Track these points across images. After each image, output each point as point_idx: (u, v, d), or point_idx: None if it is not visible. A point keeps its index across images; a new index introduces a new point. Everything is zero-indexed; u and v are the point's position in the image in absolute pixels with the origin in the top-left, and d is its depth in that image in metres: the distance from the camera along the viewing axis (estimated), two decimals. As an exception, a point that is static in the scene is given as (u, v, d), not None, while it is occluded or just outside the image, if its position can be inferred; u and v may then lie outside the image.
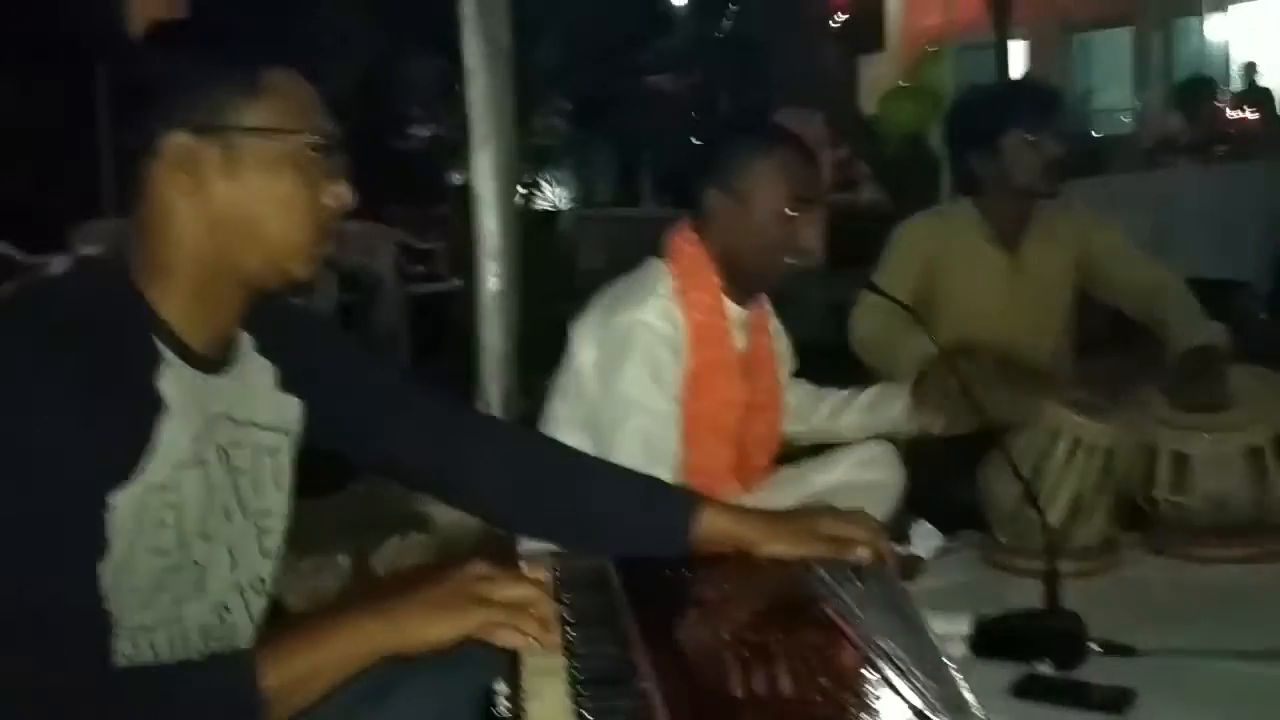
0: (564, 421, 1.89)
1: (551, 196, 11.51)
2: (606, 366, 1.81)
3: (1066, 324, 2.50)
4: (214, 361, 1.06)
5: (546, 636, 0.95)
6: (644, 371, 1.77)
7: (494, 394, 2.53)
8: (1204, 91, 6.19)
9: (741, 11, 10.61)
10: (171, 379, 0.99)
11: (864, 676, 0.87)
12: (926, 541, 2.09)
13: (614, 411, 1.78)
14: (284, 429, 1.14)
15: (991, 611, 1.71)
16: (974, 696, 0.84)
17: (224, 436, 1.06)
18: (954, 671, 1.54)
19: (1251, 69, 8.50)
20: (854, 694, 0.84)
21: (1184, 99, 6.30)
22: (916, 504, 2.08)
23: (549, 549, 1.23)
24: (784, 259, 1.82)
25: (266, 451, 1.12)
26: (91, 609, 0.91)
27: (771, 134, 1.90)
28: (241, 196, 1.02)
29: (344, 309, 5.14)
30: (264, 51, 1.05)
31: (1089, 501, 1.97)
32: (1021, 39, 9.65)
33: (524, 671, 0.92)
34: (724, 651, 0.93)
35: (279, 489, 1.14)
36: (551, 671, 0.92)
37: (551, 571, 1.13)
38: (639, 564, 1.14)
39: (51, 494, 0.89)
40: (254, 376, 1.11)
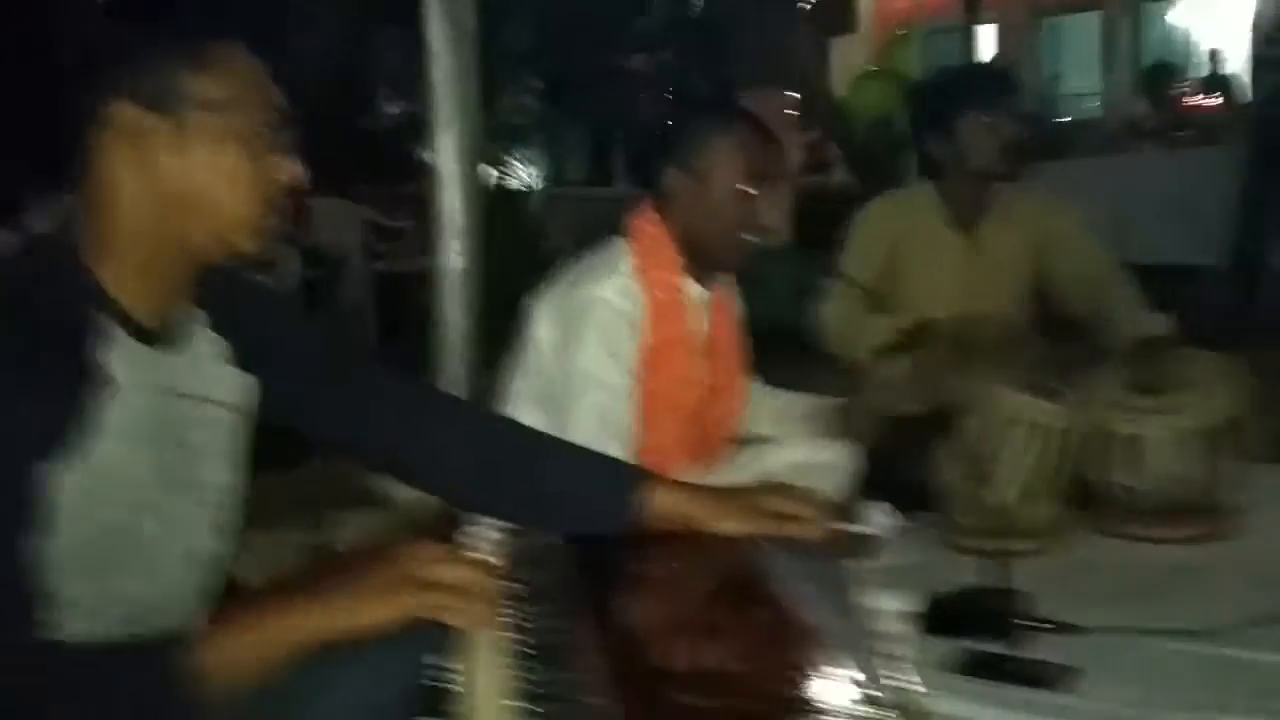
0: (521, 397, 1.89)
1: (523, 175, 11.47)
2: (564, 342, 1.81)
3: (1025, 306, 2.52)
4: (163, 337, 1.05)
5: (485, 618, 0.95)
6: (601, 348, 1.77)
7: (456, 372, 2.52)
8: (1168, 78, 6.24)
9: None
10: (119, 355, 0.99)
11: (805, 652, 0.88)
12: (882, 521, 2.11)
13: (570, 387, 1.78)
14: (236, 405, 1.13)
15: (943, 590, 1.74)
16: (914, 673, 0.85)
17: (174, 412, 1.05)
18: (893, 648, 1.57)
19: (1216, 56, 8.57)
20: (794, 669, 0.86)
21: (1149, 85, 6.35)
22: (873, 484, 2.10)
23: (502, 526, 1.24)
24: (744, 237, 1.83)
25: (218, 427, 1.12)
26: (23, 583, 0.90)
27: (728, 112, 1.90)
28: (188, 170, 1.01)
29: (308, 285, 5.11)
30: (213, 25, 1.04)
31: (1041, 482, 2.00)
32: (991, 23, 9.71)
33: (465, 647, 0.93)
34: (668, 627, 0.95)
35: (231, 466, 1.14)
36: (492, 646, 0.93)
37: (501, 549, 1.15)
38: (590, 541, 1.15)
39: None
40: (205, 352, 1.11)
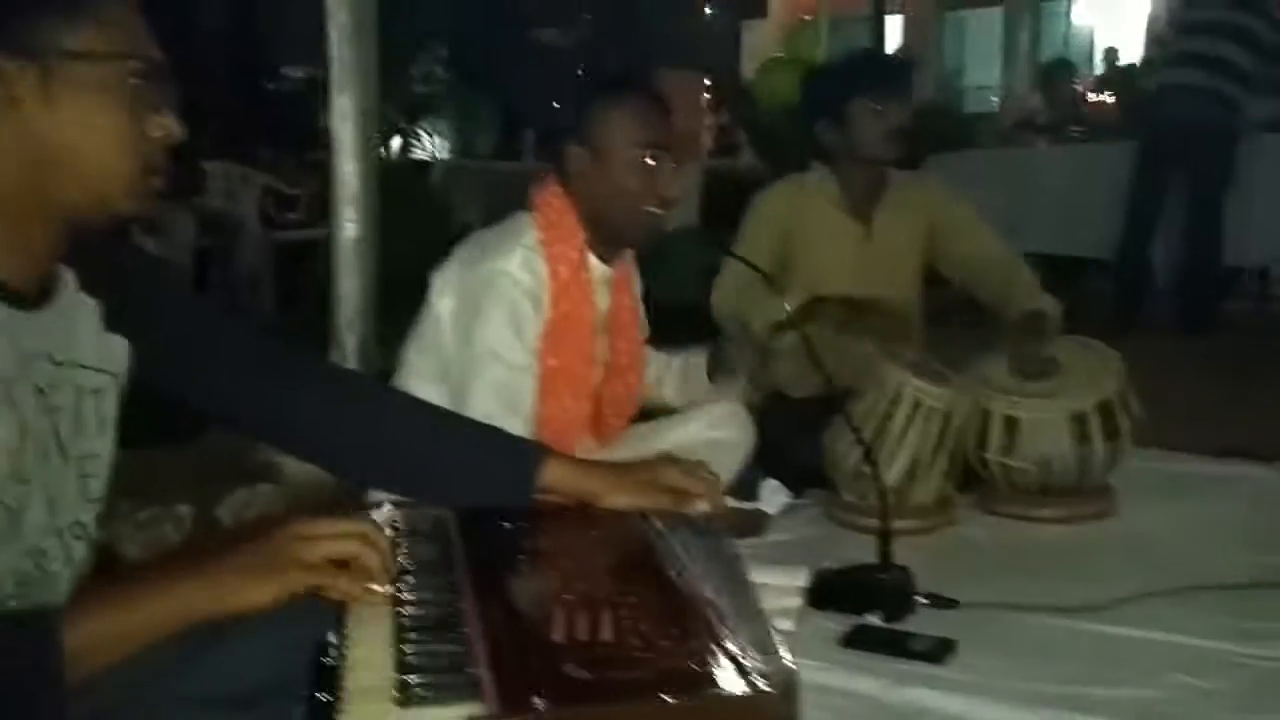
0: (418, 370, 1.87)
1: (429, 146, 11.29)
2: (466, 316, 1.80)
3: (917, 292, 2.58)
4: (31, 297, 1.01)
5: (368, 593, 0.94)
6: (504, 322, 1.77)
7: (350, 344, 2.47)
8: (1063, 74, 6.42)
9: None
10: None
11: (686, 624, 0.89)
12: (774, 498, 2.16)
13: (471, 361, 1.77)
14: (108, 369, 1.10)
15: (830, 566, 1.78)
16: (789, 647, 0.87)
17: (41, 376, 1.01)
18: (773, 622, 1.60)
19: (1112, 53, 8.86)
20: (674, 641, 0.87)
21: (1045, 80, 6.53)
22: (765, 462, 2.14)
23: (393, 499, 1.23)
24: (645, 208, 1.83)
25: (89, 392, 1.08)
26: None
27: (625, 86, 1.91)
28: (59, 124, 0.97)
29: (203, 252, 4.96)
30: None
31: (926, 462, 2.06)
32: (897, 13, 9.87)
33: (349, 620, 0.92)
34: (552, 599, 0.95)
35: (103, 431, 1.10)
36: (377, 620, 0.92)
37: (389, 522, 1.14)
38: (479, 514, 1.15)
39: None
40: (76, 314, 1.06)
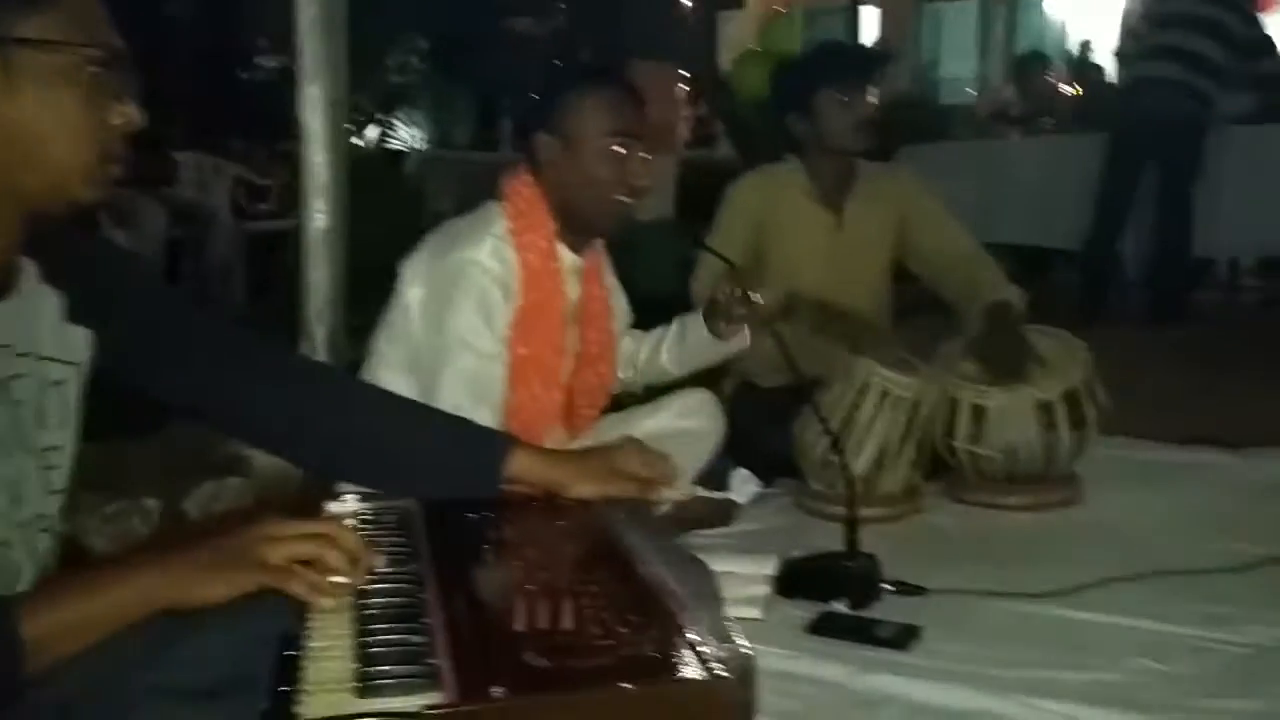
0: (388, 360, 1.87)
1: (406, 136, 11.22)
2: (436, 305, 1.79)
3: (887, 282, 2.60)
4: None
5: (330, 588, 0.95)
6: (474, 310, 1.76)
7: (320, 334, 2.46)
8: (1037, 66, 6.44)
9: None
10: None
11: (647, 612, 0.90)
12: (744, 487, 2.17)
13: (441, 350, 1.77)
14: (71, 360, 1.09)
15: (798, 554, 1.80)
16: (754, 635, 0.88)
17: (2, 368, 1.01)
18: (741, 610, 1.62)
19: (1086, 47, 8.89)
20: (634, 629, 0.87)
21: (1019, 72, 6.56)
22: (735, 451, 2.14)
23: (361, 491, 1.23)
24: (615, 197, 1.82)
25: (51, 384, 1.07)
26: None
27: (595, 74, 1.91)
28: (18, 113, 0.96)
29: (175, 243, 4.92)
30: None
31: (894, 451, 2.08)
32: (873, 4, 9.88)
33: (312, 612, 0.93)
34: (514, 589, 0.95)
35: (65, 424, 1.10)
36: (339, 611, 0.92)
37: (354, 514, 1.14)
38: (445, 505, 1.15)
39: None
40: (38, 305, 1.06)
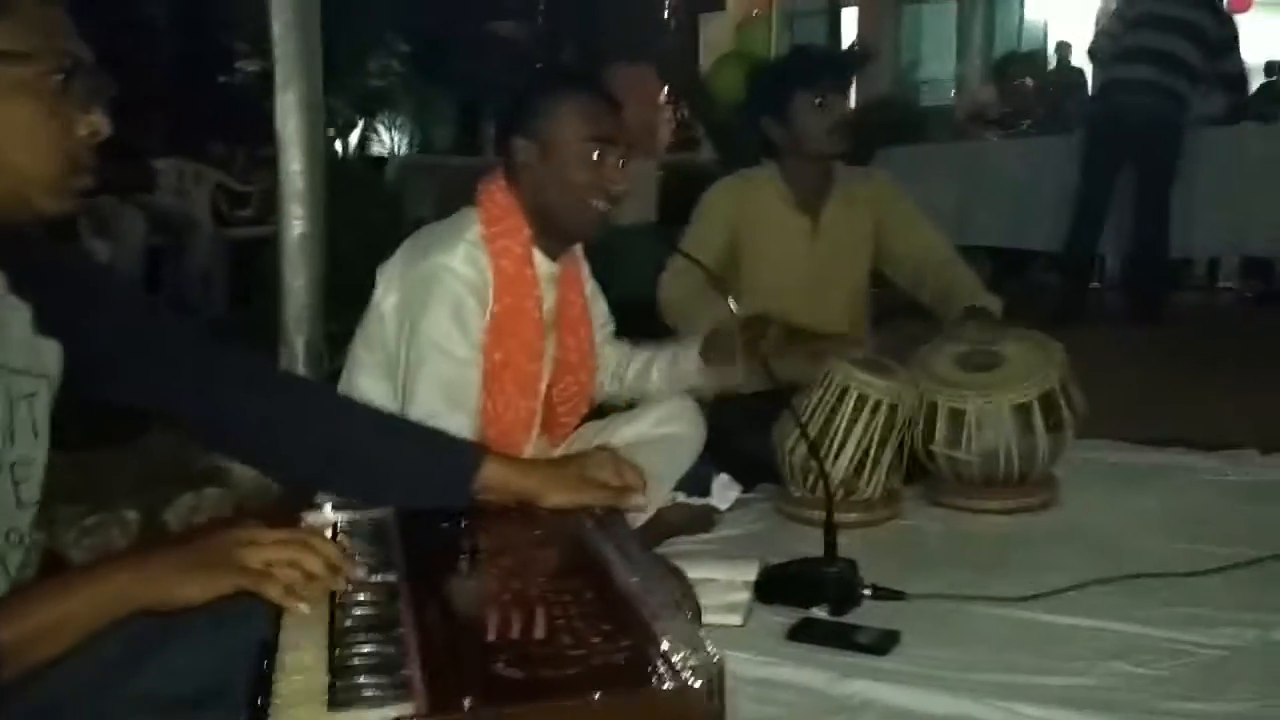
0: (366, 366, 1.87)
1: (388, 141, 11.18)
2: (409, 310, 1.79)
3: (865, 287, 2.60)
4: None
5: (305, 594, 0.94)
6: (447, 316, 1.76)
7: (298, 342, 2.44)
8: (1016, 67, 6.48)
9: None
10: None
11: (619, 621, 0.90)
12: (725, 493, 2.17)
13: (415, 355, 1.77)
14: (40, 373, 1.08)
15: (778, 559, 1.80)
16: (733, 642, 0.88)
17: (-31, 381, 1.00)
18: (721, 617, 1.62)
19: (1065, 48, 8.93)
20: (605, 638, 0.87)
21: (998, 74, 6.59)
22: (716, 456, 2.14)
23: (336, 501, 1.22)
24: (591, 202, 1.81)
25: (21, 397, 1.06)
26: None
27: (570, 79, 1.90)
28: None
29: (155, 251, 4.89)
30: None
31: (873, 455, 2.08)
32: (852, 7, 9.92)
33: (285, 623, 0.92)
34: (487, 599, 0.95)
35: (35, 436, 1.09)
36: (313, 623, 0.92)
37: (330, 525, 1.13)
38: (419, 515, 1.15)
39: None
40: (6, 317, 1.05)
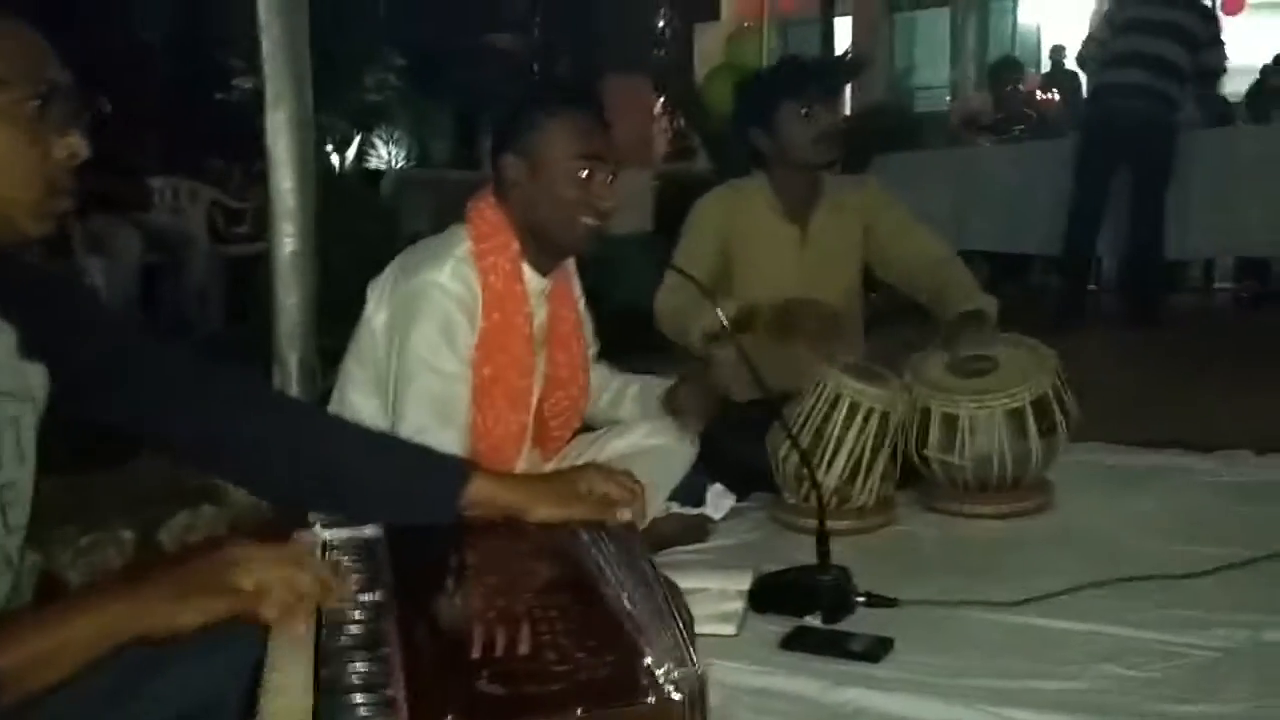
0: (356, 382, 1.88)
1: (384, 155, 11.21)
2: (399, 326, 1.80)
3: (858, 294, 2.60)
4: None
5: (297, 614, 0.94)
6: (436, 332, 1.77)
7: (292, 360, 2.45)
8: (1009, 73, 6.49)
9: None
10: None
11: (604, 636, 0.90)
12: (720, 502, 2.17)
13: (404, 372, 1.77)
14: (25, 396, 1.08)
15: (773, 567, 1.80)
16: (695, 654, 0.88)
17: (-46, 405, 1.01)
18: (714, 628, 1.61)
19: (1059, 52, 8.95)
20: (590, 653, 0.87)
21: (991, 80, 6.60)
22: (710, 465, 2.14)
23: (326, 519, 1.22)
24: (581, 219, 1.81)
25: (7, 421, 1.07)
26: None
27: (559, 95, 1.91)
28: None
29: (151, 269, 4.89)
30: None
31: (866, 462, 2.08)
32: (846, 15, 9.95)
33: (272, 643, 0.92)
34: (473, 616, 0.95)
35: (21, 460, 1.09)
36: (299, 643, 0.92)
37: (323, 544, 1.13)
38: (408, 532, 1.15)
39: None
40: None
